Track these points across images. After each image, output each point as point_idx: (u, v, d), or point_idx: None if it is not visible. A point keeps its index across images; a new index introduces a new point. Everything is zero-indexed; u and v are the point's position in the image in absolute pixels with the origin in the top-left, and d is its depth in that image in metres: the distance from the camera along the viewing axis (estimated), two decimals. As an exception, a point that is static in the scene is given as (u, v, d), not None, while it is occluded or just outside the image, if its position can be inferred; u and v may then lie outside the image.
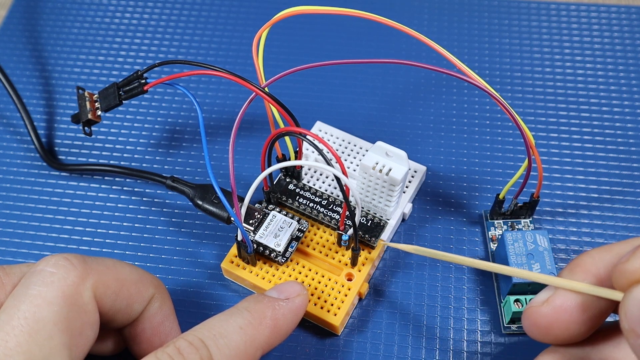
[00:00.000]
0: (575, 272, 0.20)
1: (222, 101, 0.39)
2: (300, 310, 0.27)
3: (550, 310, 0.20)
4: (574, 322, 0.20)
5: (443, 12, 0.42)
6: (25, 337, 0.21)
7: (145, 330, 0.26)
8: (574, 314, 0.19)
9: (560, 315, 0.20)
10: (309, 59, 0.40)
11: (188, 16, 0.43)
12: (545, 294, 0.20)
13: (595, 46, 0.40)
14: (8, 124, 0.38)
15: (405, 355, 0.30)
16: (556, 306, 0.20)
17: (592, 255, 0.20)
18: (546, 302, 0.20)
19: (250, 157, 0.36)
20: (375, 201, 0.31)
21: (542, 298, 0.20)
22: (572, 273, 0.20)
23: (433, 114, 0.38)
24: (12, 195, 0.35)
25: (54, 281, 0.22)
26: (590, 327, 0.20)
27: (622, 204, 0.34)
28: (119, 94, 0.29)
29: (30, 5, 0.44)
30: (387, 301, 0.31)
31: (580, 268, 0.20)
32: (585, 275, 0.20)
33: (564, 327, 0.20)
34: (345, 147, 0.35)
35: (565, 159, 0.36)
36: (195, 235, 0.34)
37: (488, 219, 0.33)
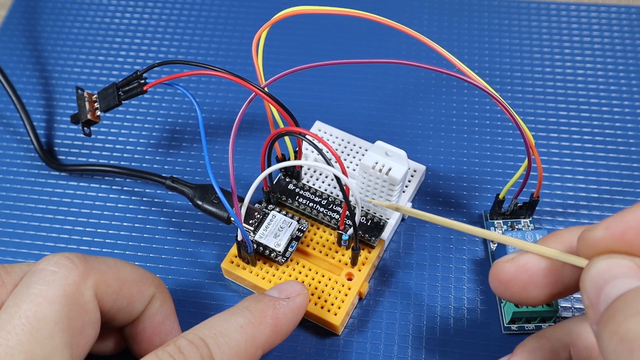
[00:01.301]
0: (549, 240, 0.21)
1: (222, 101, 0.39)
2: (300, 309, 0.27)
3: (512, 268, 0.20)
4: (533, 283, 0.20)
5: (443, 12, 0.42)
6: (27, 336, 0.21)
7: (146, 330, 0.26)
8: (534, 275, 0.20)
9: (520, 273, 0.20)
10: (308, 59, 0.40)
11: (188, 16, 0.43)
12: (512, 254, 0.21)
13: (595, 46, 0.40)
14: (8, 124, 0.38)
15: (405, 355, 0.30)
16: (519, 265, 0.20)
17: (570, 229, 0.21)
18: (511, 260, 0.21)
19: (250, 157, 0.36)
20: (375, 200, 0.31)
21: (510, 256, 0.21)
22: (545, 240, 0.21)
23: (433, 114, 0.38)
24: (12, 195, 0.35)
25: (55, 280, 0.22)
26: (550, 292, 0.20)
27: (622, 204, 0.34)
28: (118, 94, 0.29)
29: (30, 5, 0.44)
30: (387, 301, 0.31)
31: (555, 237, 0.21)
32: (556, 243, 0.20)
33: (522, 285, 0.20)
34: (345, 146, 0.35)
35: (565, 159, 0.36)
36: (195, 235, 0.34)
37: (488, 219, 0.33)
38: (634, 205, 0.19)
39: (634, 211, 0.18)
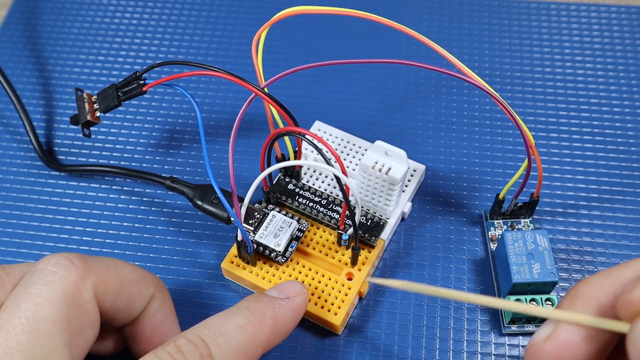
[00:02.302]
0: (576, 303, 0.19)
1: (222, 101, 0.39)
2: (300, 309, 0.27)
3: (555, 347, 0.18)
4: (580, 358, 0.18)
5: (443, 12, 0.42)
6: (26, 336, 0.21)
7: (146, 330, 0.26)
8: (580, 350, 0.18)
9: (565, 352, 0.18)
10: (308, 59, 0.40)
11: (188, 16, 0.43)
12: (546, 329, 0.19)
13: (595, 46, 0.40)
14: (8, 124, 0.38)
15: (405, 355, 0.30)
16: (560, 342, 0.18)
17: (591, 284, 0.19)
18: (549, 339, 0.18)
19: (250, 157, 0.36)
20: (375, 200, 0.31)
21: (544, 334, 0.19)
22: (572, 304, 0.19)
23: (433, 114, 0.38)
24: (12, 195, 0.35)
25: (54, 280, 0.22)
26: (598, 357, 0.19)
27: (622, 204, 0.34)
28: (117, 95, 0.29)
29: (30, 5, 0.44)
30: (387, 301, 0.31)
31: (580, 298, 0.19)
32: (585, 305, 0.18)
33: None
34: (345, 146, 0.35)
35: (565, 159, 0.36)
36: (195, 235, 0.34)
37: (488, 219, 0.33)
38: None
39: None
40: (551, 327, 0.19)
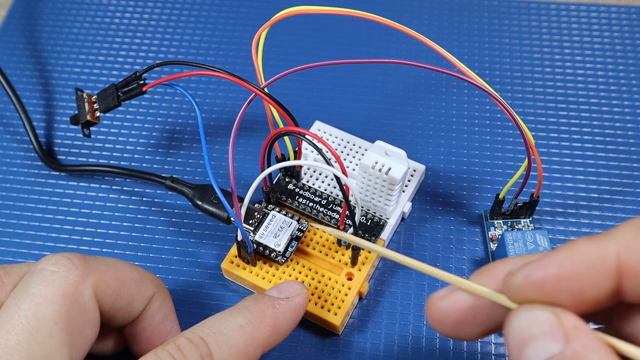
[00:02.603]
0: (482, 275, 0.20)
1: (222, 101, 0.39)
2: (300, 309, 0.27)
3: (442, 306, 0.20)
4: (464, 322, 0.20)
5: (443, 12, 0.42)
6: (26, 336, 0.21)
7: (146, 330, 0.26)
8: (464, 314, 0.20)
9: (450, 313, 0.20)
10: (308, 59, 0.40)
11: (188, 16, 0.43)
12: (445, 290, 0.20)
13: (595, 46, 0.40)
14: (8, 125, 0.38)
15: (406, 355, 0.29)
16: (447, 305, 0.20)
17: (506, 262, 0.20)
18: (441, 298, 0.20)
19: (250, 157, 0.36)
20: (375, 200, 0.31)
21: (441, 294, 0.20)
22: (478, 276, 0.20)
23: (433, 114, 0.38)
24: (12, 195, 0.35)
25: (54, 280, 0.22)
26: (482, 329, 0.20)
27: (622, 204, 0.34)
28: (117, 95, 0.29)
29: (30, 5, 0.44)
30: (387, 301, 0.31)
31: (488, 272, 0.20)
32: (489, 279, 0.19)
33: (453, 324, 0.20)
34: (345, 146, 0.35)
35: (565, 159, 0.36)
36: (195, 235, 0.34)
37: (488, 219, 0.33)
38: (557, 250, 0.18)
39: (554, 258, 0.18)
40: (450, 289, 0.20)
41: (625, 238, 0.17)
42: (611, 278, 0.17)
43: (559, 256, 0.18)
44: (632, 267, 0.17)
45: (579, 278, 0.17)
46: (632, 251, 0.17)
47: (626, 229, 0.17)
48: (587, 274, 0.17)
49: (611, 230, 0.18)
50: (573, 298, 0.17)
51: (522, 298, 0.18)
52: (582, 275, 0.17)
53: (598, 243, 0.17)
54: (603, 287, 0.17)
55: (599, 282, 0.17)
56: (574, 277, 0.17)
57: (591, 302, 0.17)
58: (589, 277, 0.17)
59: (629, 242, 0.17)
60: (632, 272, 0.17)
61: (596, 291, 0.17)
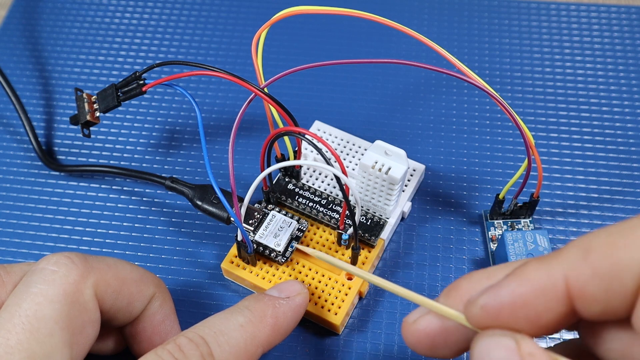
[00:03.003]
0: (450, 296, 0.20)
1: (222, 101, 0.39)
2: (300, 308, 0.27)
3: (415, 332, 0.20)
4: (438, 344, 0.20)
5: (443, 12, 0.43)
6: (27, 335, 0.21)
7: (146, 329, 0.26)
8: (437, 338, 0.20)
9: (422, 337, 0.20)
10: (308, 59, 0.40)
11: (188, 16, 0.43)
12: (417, 313, 0.20)
13: (595, 46, 0.40)
14: (7, 125, 0.38)
15: (405, 355, 0.30)
16: (420, 329, 0.20)
17: (471, 279, 0.20)
18: (414, 323, 0.20)
19: (250, 157, 0.36)
20: (375, 200, 0.31)
21: (414, 317, 0.20)
22: (446, 297, 0.20)
23: (433, 114, 0.38)
24: (12, 195, 0.35)
25: (55, 279, 0.22)
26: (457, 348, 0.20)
27: (622, 204, 0.34)
28: (117, 95, 0.29)
29: (30, 5, 0.44)
30: (387, 301, 0.31)
31: (456, 292, 0.20)
32: (457, 299, 0.20)
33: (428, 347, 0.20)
34: (345, 146, 0.35)
35: (565, 159, 0.36)
36: (195, 235, 0.34)
37: (488, 219, 0.33)
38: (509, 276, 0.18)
39: (507, 285, 0.18)
40: (421, 312, 0.20)
41: (571, 260, 0.17)
42: (563, 302, 0.17)
43: (511, 283, 0.18)
44: (580, 290, 0.17)
45: (532, 305, 0.17)
46: (578, 274, 0.17)
47: (572, 250, 0.17)
48: (539, 300, 0.17)
49: (559, 250, 0.18)
50: (530, 323, 0.17)
51: (484, 325, 0.18)
52: (534, 302, 0.17)
53: (546, 266, 0.17)
54: (557, 311, 0.17)
55: (552, 306, 0.17)
56: (527, 304, 0.17)
57: (550, 325, 0.18)
58: (541, 303, 0.17)
59: (575, 264, 0.17)
60: (581, 294, 0.17)
61: (551, 315, 0.17)
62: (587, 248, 0.17)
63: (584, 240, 0.17)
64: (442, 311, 0.20)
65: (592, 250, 0.17)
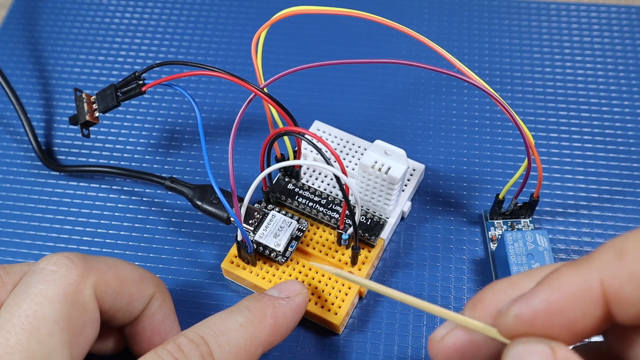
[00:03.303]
0: (476, 309, 0.20)
1: (222, 101, 0.39)
2: (300, 308, 0.27)
3: (444, 349, 0.20)
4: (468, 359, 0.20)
5: (443, 12, 0.42)
6: (26, 335, 0.21)
7: (146, 329, 0.26)
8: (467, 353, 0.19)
9: (452, 354, 0.20)
10: (308, 59, 0.40)
11: (188, 16, 0.43)
12: (443, 329, 0.20)
13: (595, 46, 0.40)
14: (7, 125, 0.38)
15: (405, 355, 0.29)
16: (449, 345, 0.20)
17: (495, 290, 0.20)
18: (442, 340, 0.20)
19: (250, 157, 0.36)
20: (375, 200, 0.31)
21: (441, 333, 0.20)
22: (472, 310, 0.20)
23: (433, 114, 0.38)
24: (12, 195, 0.35)
25: (55, 279, 0.22)
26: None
27: (622, 204, 0.34)
28: (116, 95, 0.29)
29: (30, 5, 0.44)
30: (387, 301, 0.31)
31: (481, 304, 0.20)
32: (483, 312, 0.19)
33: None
34: (344, 146, 0.35)
35: (565, 159, 0.36)
36: (195, 235, 0.34)
37: (488, 219, 0.33)
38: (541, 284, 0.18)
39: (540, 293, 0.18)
40: (449, 327, 0.20)
41: (606, 263, 0.17)
42: (599, 306, 0.17)
43: (545, 291, 0.18)
44: (617, 293, 0.17)
45: (568, 311, 0.17)
46: (615, 276, 0.17)
47: (606, 253, 0.17)
48: (575, 306, 0.17)
49: (592, 254, 0.18)
50: (566, 330, 0.17)
51: (517, 334, 0.18)
52: (570, 308, 0.17)
53: (580, 270, 0.17)
54: (593, 316, 0.17)
55: (588, 311, 0.17)
56: (562, 310, 0.17)
57: (585, 330, 0.17)
58: (577, 309, 0.17)
59: (611, 267, 0.17)
60: (617, 297, 0.17)
61: (587, 320, 0.17)
62: (621, 250, 0.17)
63: (616, 242, 0.17)
64: (472, 325, 0.19)
65: (626, 252, 0.17)
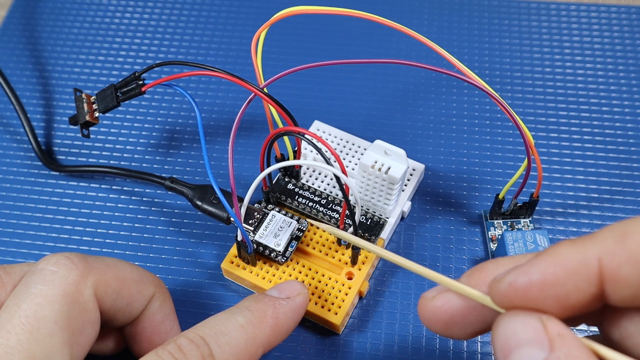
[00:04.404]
0: (472, 277, 0.20)
1: (222, 101, 0.39)
2: (301, 309, 0.27)
3: (433, 308, 0.20)
4: (454, 323, 0.20)
5: (443, 12, 0.42)
6: (26, 335, 0.21)
7: (146, 329, 0.26)
8: (454, 316, 0.20)
9: (439, 314, 0.20)
10: (308, 59, 0.40)
11: (188, 16, 0.43)
12: (435, 290, 0.20)
13: (595, 46, 0.40)
14: (7, 125, 0.38)
15: (406, 355, 0.29)
16: (437, 305, 0.20)
17: (497, 263, 0.20)
18: (432, 298, 0.20)
19: (250, 157, 0.36)
20: (375, 199, 0.31)
21: (432, 294, 0.20)
22: (469, 277, 0.20)
23: (433, 114, 0.38)
24: (12, 195, 0.35)
25: (55, 280, 0.22)
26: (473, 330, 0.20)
27: (622, 204, 0.34)
28: (116, 96, 0.29)
29: (30, 6, 0.44)
30: (387, 301, 0.31)
31: (480, 273, 0.20)
32: (479, 281, 0.19)
33: (443, 325, 0.20)
34: (344, 146, 0.35)
35: (565, 159, 0.36)
36: (195, 235, 0.34)
37: (488, 219, 0.33)
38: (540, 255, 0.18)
39: (538, 263, 0.18)
40: (440, 289, 0.20)
41: (607, 242, 0.17)
42: (594, 283, 0.17)
43: (542, 262, 0.18)
44: (613, 272, 0.17)
45: (563, 284, 0.17)
46: (614, 256, 0.17)
47: (608, 233, 0.17)
48: (570, 280, 0.17)
49: (593, 233, 0.18)
50: (558, 303, 0.17)
51: (508, 303, 0.18)
52: (565, 281, 0.17)
53: (580, 247, 0.17)
54: (586, 292, 0.17)
55: (582, 287, 0.17)
56: (558, 283, 0.17)
57: (576, 306, 0.18)
58: (572, 283, 0.17)
59: (611, 247, 0.17)
60: (613, 277, 0.17)
61: (580, 296, 0.17)
62: (623, 232, 0.17)
63: (619, 225, 0.17)
64: (464, 291, 0.19)
65: (629, 234, 0.17)
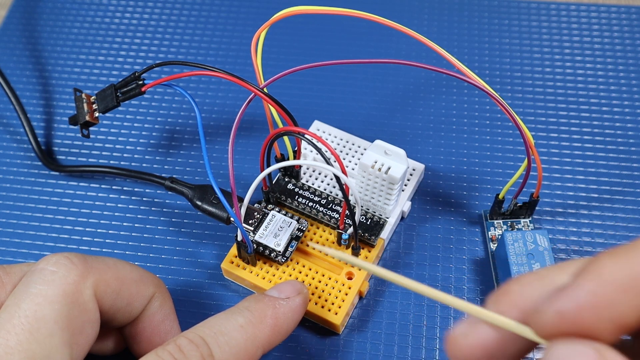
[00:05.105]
0: (501, 303, 0.18)
1: (222, 101, 0.39)
2: (300, 309, 0.27)
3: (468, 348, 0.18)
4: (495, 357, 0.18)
5: (443, 12, 0.42)
6: (26, 336, 0.21)
7: (146, 329, 0.26)
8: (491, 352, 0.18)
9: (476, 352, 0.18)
10: (308, 59, 0.40)
11: (188, 16, 0.43)
12: (466, 325, 0.18)
13: (595, 46, 0.40)
14: (7, 125, 0.38)
15: (405, 355, 0.30)
16: (472, 344, 0.18)
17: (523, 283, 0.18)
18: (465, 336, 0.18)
19: (250, 157, 0.36)
20: (375, 199, 0.31)
21: (462, 330, 0.18)
22: (497, 304, 0.18)
23: (433, 114, 0.38)
24: (12, 195, 0.35)
25: (54, 280, 0.22)
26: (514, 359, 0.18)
27: (622, 204, 0.34)
28: (116, 96, 0.29)
29: (30, 6, 0.44)
30: (387, 301, 0.31)
31: (507, 298, 0.18)
32: (510, 307, 0.18)
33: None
34: (344, 146, 0.35)
35: (565, 159, 0.36)
36: (195, 235, 0.34)
37: (488, 219, 0.33)
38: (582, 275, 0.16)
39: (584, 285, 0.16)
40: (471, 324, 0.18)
41: None
42: None
43: (589, 282, 0.16)
44: None
45: (617, 304, 0.16)
46: None
47: None
48: (624, 298, 0.16)
49: (633, 243, 0.16)
50: (612, 326, 0.16)
51: (556, 334, 0.16)
52: (618, 300, 0.16)
53: (625, 260, 0.16)
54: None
55: (637, 303, 0.16)
56: (611, 303, 0.16)
57: (631, 325, 0.16)
58: (626, 301, 0.16)
59: None
60: None
61: (634, 314, 0.16)
62: None
63: None
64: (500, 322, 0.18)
65: None
